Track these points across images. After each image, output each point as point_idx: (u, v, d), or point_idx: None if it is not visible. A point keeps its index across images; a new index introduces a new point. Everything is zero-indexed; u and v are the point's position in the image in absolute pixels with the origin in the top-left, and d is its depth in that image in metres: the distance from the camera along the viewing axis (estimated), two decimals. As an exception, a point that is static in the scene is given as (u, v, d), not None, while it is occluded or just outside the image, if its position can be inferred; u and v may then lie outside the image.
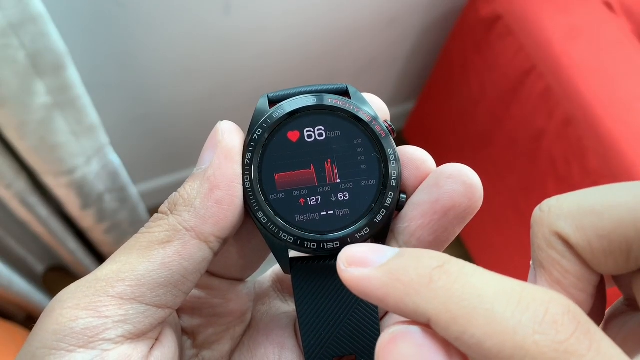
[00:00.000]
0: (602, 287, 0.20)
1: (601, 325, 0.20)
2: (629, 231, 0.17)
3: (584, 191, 0.18)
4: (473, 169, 0.22)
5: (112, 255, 0.21)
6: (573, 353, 0.13)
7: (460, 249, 1.20)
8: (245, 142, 0.23)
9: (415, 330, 0.16)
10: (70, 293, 0.20)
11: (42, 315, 0.20)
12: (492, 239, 1.09)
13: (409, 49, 1.16)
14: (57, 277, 1.13)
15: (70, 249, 0.93)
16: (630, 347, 0.18)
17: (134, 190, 0.90)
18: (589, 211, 0.17)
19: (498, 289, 0.15)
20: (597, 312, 0.20)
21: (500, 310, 0.14)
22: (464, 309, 0.15)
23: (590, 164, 0.81)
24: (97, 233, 0.91)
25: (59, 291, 0.20)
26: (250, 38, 0.91)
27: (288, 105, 0.23)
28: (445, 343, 0.15)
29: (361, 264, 0.17)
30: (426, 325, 0.16)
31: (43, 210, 0.81)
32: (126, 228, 0.95)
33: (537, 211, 0.19)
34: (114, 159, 0.79)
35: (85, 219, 0.85)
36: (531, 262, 0.20)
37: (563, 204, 0.18)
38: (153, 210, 1.09)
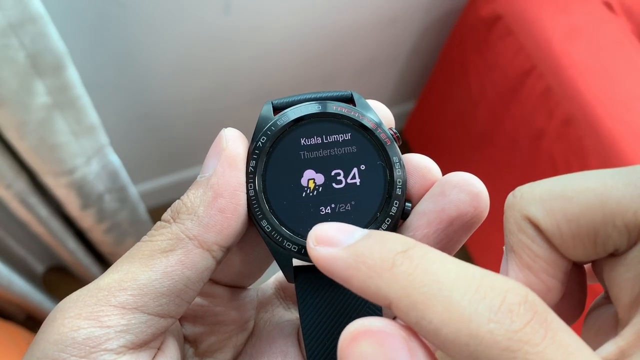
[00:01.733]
0: (583, 279, 0.20)
1: (583, 318, 0.21)
2: (596, 215, 0.17)
3: (556, 178, 0.19)
4: (473, 169, 0.22)
5: (114, 264, 0.21)
6: (527, 342, 0.14)
7: (460, 249, 1.20)
8: (249, 149, 0.23)
9: (376, 326, 0.15)
10: (72, 302, 0.20)
11: (43, 324, 0.20)
12: (492, 239, 1.09)
13: (409, 49, 1.16)
14: (57, 277, 1.12)
15: (70, 249, 0.93)
16: (602, 338, 0.18)
17: (134, 190, 0.90)
18: (559, 196, 0.18)
19: (458, 276, 0.15)
20: (575, 303, 0.20)
21: (458, 298, 0.14)
22: (423, 295, 0.15)
23: (590, 164, 0.81)
24: (97, 233, 0.91)
25: (59, 291, 0.20)
26: (250, 38, 0.91)
27: (292, 113, 0.23)
28: (407, 339, 0.15)
29: (329, 243, 0.18)
30: (388, 306, 0.16)
31: (43, 210, 0.80)
32: (126, 228, 0.95)
33: (510, 196, 0.19)
34: (114, 159, 0.79)
35: (85, 219, 0.85)
36: (504, 247, 0.20)
37: (534, 190, 0.19)
38: (153, 211, 1.08)
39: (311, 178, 0.23)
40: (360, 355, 0.15)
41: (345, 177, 0.23)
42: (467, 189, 0.22)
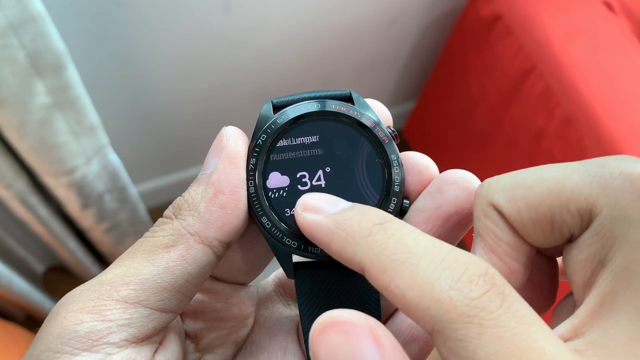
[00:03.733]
0: (554, 271, 0.22)
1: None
2: (553, 202, 0.18)
3: (522, 170, 0.20)
4: (473, 169, 0.22)
5: (117, 260, 0.21)
6: (483, 309, 0.15)
7: (459, 246, 1.20)
8: (249, 147, 0.23)
9: (343, 317, 0.16)
10: (75, 297, 0.20)
11: (46, 318, 0.20)
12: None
13: (409, 49, 1.16)
14: (57, 277, 1.13)
15: (70, 249, 0.93)
16: (562, 321, 0.19)
17: (134, 190, 0.90)
18: (521, 184, 0.19)
19: (427, 248, 0.16)
20: (546, 294, 0.22)
21: (424, 266, 0.16)
22: (394, 262, 0.16)
23: (590, 164, 0.81)
24: (97, 233, 0.91)
25: (59, 291, 0.20)
26: (251, 38, 0.91)
27: (292, 111, 0.23)
28: (373, 328, 0.16)
29: (314, 211, 0.19)
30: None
31: (43, 210, 0.81)
32: (126, 228, 0.95)
33: (478, 187, 0.21)
34: (114, 159, 0.79)
35: (85, 219, 0.85)
36: (473, 234, 0.21)
37: (500, 180, 0.20)
38: (153, 210, 1.08)
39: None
40: (328, 344, 0.16)
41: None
42: (463, 186, 0.22)
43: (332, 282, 0.23)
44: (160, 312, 0.21)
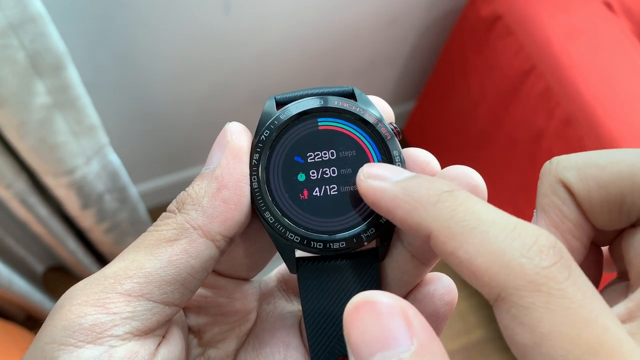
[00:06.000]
0: (600, 260, 0.22)
1: None
2: (625, 183, 0.19)
3: (593, 151, 0.20)
4: (473, 168, 0.22)
5: (121, 253, 0.21)
6: (552, 279, 0.15)
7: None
8: (252, 143, 0.23)
9: (376, 299, 0.17)
10: (79, 290, 0.20)
11: (51, 311, 0.20)
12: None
13: (409, 49, 1.16)
14: (57, 277, 1.13)
15: (70, 249, 0.93)
16: (611, 305, 0.19)
17: (134, 190, 0.90)
18: (593, 164, 0.19)
19: (497, 217, 0.17)
20: (591, 279, 0.21)
21: (495, 234, 0.16)
22: (463, 228, 0.17)
23: (590, 164, 0.81)
24: (97, 233, 0.91)
25: (59, 291, 0.20)
26: (251, 38, 0.91)
27: (295, 107, 0.24)
28: (404, 309, 0.16)
29: (379, 178, 0.20)
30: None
31: (43, 210, 0.81)
32: (126, 228, 0.95)
33: (546, 164, 0.21)
34: (114, 159, 0.79)
35: (85, 219, 0.85)
36: (534, 210, 0.21)
37: (571, 158, 0.20)
38: (153, 210, 1.08)
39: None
40: (361, 323, 0.16)
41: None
42: (465, 182, 0.22)
43: (334, 277, 0.24)
44: (164, 306, 0.21)
